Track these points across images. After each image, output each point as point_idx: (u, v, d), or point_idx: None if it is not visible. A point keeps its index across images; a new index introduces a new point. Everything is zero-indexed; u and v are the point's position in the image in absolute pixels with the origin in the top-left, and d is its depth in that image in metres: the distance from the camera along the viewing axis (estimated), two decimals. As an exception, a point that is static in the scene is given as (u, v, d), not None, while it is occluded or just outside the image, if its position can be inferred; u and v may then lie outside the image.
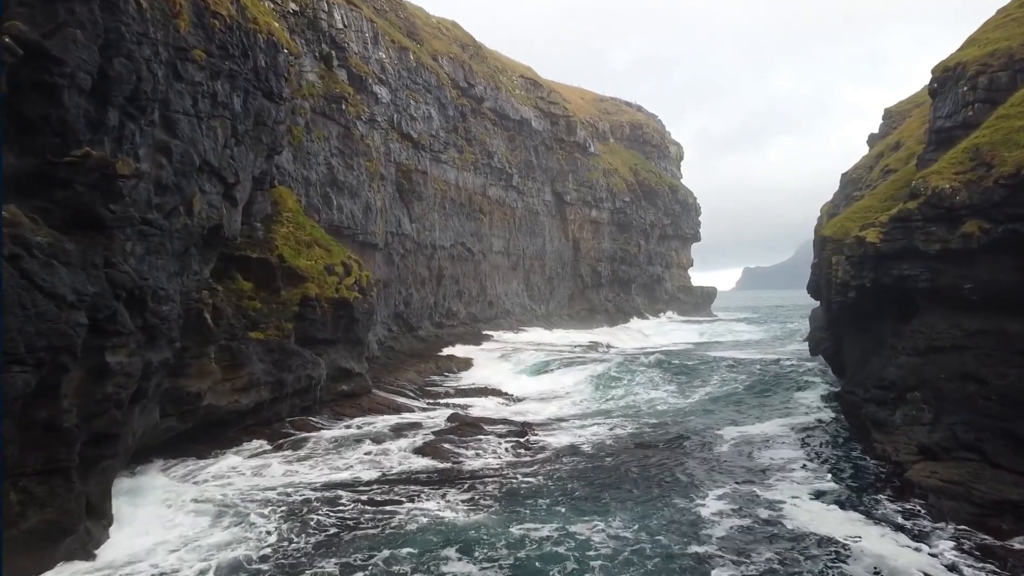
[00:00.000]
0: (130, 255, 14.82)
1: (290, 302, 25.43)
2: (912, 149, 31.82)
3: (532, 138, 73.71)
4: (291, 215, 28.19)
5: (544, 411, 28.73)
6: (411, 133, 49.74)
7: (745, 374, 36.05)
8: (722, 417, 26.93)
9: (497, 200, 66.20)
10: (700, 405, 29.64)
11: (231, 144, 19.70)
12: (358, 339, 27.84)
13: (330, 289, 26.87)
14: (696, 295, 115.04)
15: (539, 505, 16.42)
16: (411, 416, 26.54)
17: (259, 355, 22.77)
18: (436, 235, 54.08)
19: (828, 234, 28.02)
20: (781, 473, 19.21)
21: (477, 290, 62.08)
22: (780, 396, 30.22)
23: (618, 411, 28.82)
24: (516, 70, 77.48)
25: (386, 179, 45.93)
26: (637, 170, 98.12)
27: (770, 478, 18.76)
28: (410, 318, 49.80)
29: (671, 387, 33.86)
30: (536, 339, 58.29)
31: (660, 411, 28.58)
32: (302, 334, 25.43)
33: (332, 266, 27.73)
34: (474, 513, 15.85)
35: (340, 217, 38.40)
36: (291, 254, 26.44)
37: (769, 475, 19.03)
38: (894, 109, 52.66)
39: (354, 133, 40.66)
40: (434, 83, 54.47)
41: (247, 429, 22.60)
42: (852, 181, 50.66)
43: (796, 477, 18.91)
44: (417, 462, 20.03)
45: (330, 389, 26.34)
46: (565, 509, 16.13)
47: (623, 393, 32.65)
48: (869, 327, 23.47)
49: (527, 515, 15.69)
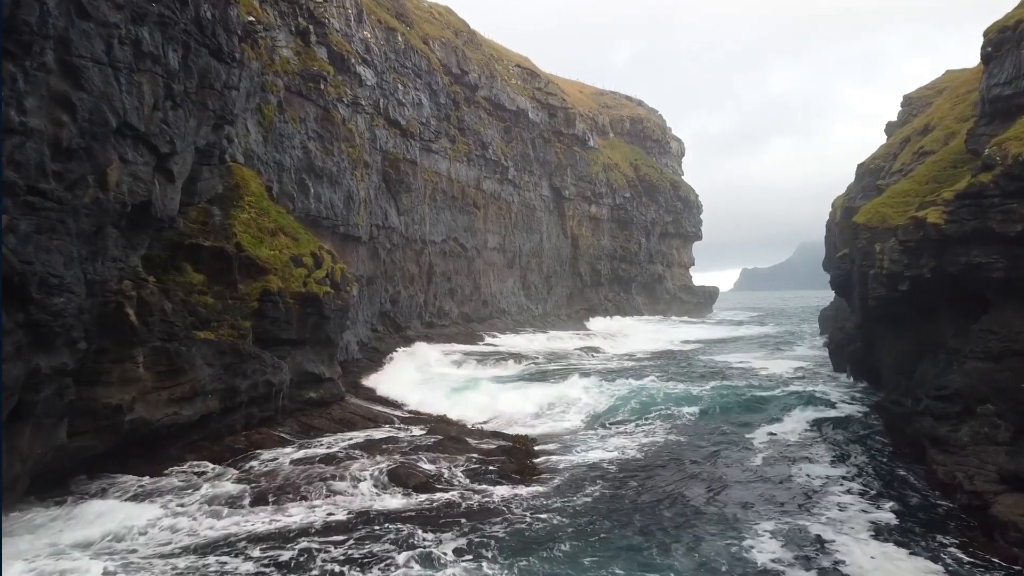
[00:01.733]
0: (8, 232, 11.54)
1: (248, 297, 22.13)
2: (951, 128, 28.73)
3: (529, 130, 70.45)
4: (254, 199, 24.89)
5: (539, 425, 25.43)
6: (399, 120, 46.46)
7: (758, 380, 32.80)
8: (742, 428, 23.68)
9: (492, 194, 62.93)
10: (715, 416, 26.40)
11: (164, 107, 16.41)
12: (329, 340, 24.54)
13: (296, 283, 23.58)
14: (698, 295, 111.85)
15: (557, 554, 12.96)
16: (388, 429, 23.23)
17: (207, 358, 19.47)
18: (426, 229, 50.81)
19: (863, 221, 24.81)
20: (828, 498, 16.03)
21: (471, 288, 58.82)
22: (804, 403, 26.85)
23: (635, 419, 25.55)
24: (512, 59, 74.24)
25: (371, 167, 42.63)
26: (638, 165, 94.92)
27: (817, 504, 15.58)
28: (398, 317, 46.51)
29: (680, 387, 30.64)
30: (522, 344, 54.92)
31: (675, 422, 25.31)
32: (262, 334, 22.12)
33: (299, 257, 24.44)
34: (477, 571, 12.40)
35: (318, 206, 35.09)
36: (251, 243, 23.14)
37: (815, 501, 15.84)
38: (914, 95, 49.58)
39: (334, 116, 37.36)
40: (425, 68, 51.20)
41: (192, 445, 19.29)
42: (870, 171, 47.49)
43: (845, 503, 15.72)
44: (393, 499, 16.07)
45: (295, 397, 23.04)
46: (591, 558, 12.73)
47: (629, 393, 29.44)
48: (918, 326, 20.24)
49: (545, 571, 12.34)
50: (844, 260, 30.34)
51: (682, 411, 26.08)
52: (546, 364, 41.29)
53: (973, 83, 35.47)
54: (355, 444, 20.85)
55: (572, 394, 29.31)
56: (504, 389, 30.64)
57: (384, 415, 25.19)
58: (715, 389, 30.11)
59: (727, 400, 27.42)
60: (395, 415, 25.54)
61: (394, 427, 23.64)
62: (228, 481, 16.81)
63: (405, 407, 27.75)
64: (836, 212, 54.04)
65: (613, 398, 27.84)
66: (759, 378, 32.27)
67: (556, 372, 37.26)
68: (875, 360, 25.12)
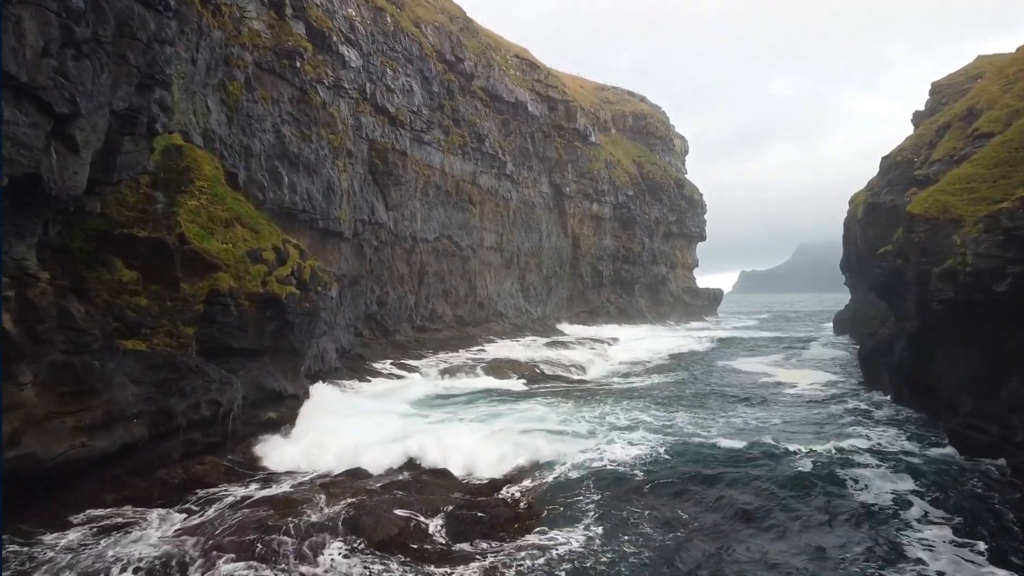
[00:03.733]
0: None
1: (193, 299, 18.47)
2: (1012, 106, 25.18)
3: (528, 123, 66.80)
4: (207, 184, 21.24)
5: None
6: (387, 107, 42.82)
7: (793, 413, 28.14)
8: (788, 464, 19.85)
9: (489, 190, 59.28)
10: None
11: (63, 55, 12.77)
12: (293, 349, 20.86)
13: (253, 281, 19.91)
14: (702, 297, 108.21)
15: None
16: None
17: (133, 374, 15.81)
18: (417, 226, 47.15)
19: (920, 211, 21.15)
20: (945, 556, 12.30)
21: (465, 290, 55.15)
22: (847, 427, 22.98)
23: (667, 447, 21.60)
24: (511, 49, 70.59)
25: (355, 157, 39.00)
26: (641, 163, 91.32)
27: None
28: (385, 320, 42.87)
29: (695, 439, 26.88)
30: (518, 352, 51.16)
31: (700, 450, 21.49)
32: (209, 343, 18.48)
33: (258, 251, 20.78)
34: None
35: (292, 197, 31.45)
36: (199, 234, 19.49)
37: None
38: (943, 83, 46.00)
39: (313, 98, 33.72)
40: (416, 52, 47.57)
41: (115, 482, 15.60)
42: (897, 164, 43.90)
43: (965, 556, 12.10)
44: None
45: (250, 418, 19.36)
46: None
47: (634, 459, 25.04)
48: (1005, 336, 16.59)
49: None
50: (887, 258, 26.72)
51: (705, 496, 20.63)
52: (539, 386, 34.75)
53: (1019, 63, 31.98)
54: (320, 481, 17.13)
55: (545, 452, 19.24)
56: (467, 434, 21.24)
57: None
58: (744, 438, 20.42)
59: (762, 471, 17.59)
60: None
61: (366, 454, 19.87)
62: (144, 544, 13.03)
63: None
64: (857, 209, 50.46)
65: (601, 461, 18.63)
66: (791, 405, 27.69)
67: (549, 396, 29.79)
68: (932, 375, 21.42)
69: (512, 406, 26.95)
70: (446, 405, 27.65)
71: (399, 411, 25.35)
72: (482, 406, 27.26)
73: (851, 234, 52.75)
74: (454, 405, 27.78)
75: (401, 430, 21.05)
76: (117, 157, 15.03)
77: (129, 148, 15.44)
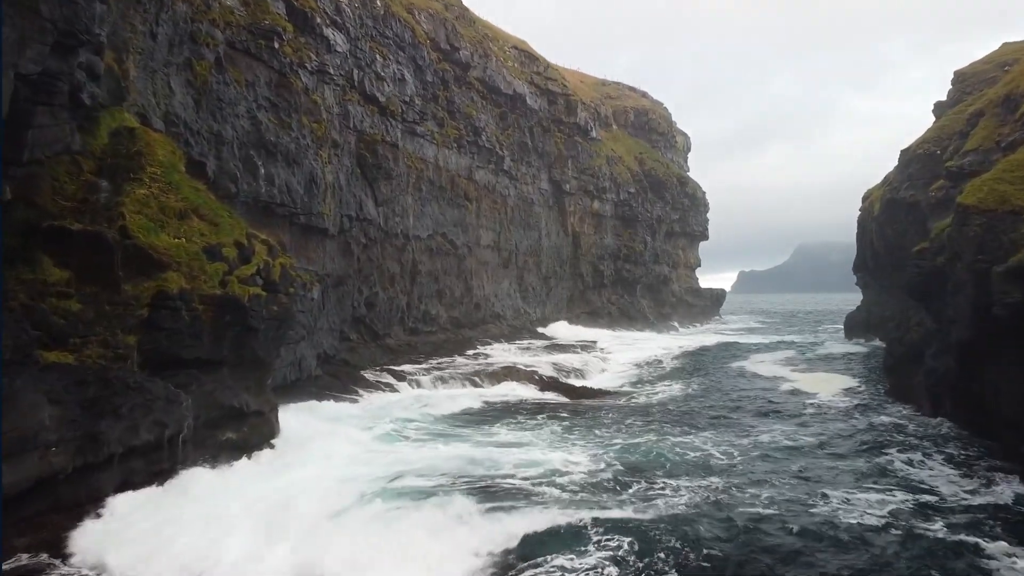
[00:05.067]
0: None
1: (136, 302, 15.87)
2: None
3: (527, 117, 64.20)
4: (160, 172, 18.62)
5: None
6: (377, 96, 40.22)
7: (819, 433, 24.49)
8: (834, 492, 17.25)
9: (486, 185, 56.70)
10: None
11: (-56, -3, 10.16)
12: (258, 359, 18.24)
13: (210, 282, 17.30)
14: (705, 297, 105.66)
15: None
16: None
17: (52, 392, 13.20)
18: (410, 223, 44.54)
19: (973, 203, 18.54)
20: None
21: (461, 290, 52.53)
22: (896, 455, 19.66)
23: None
24: (509, 41, 67.98)
25: (342, 148, 36.40)
26: (643, 159, 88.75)
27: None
28: (375, 323, 40.23)
29: (719, 436, 24.15)
30: (514, 358, 48.44)
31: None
32: (154, 353, 15.88)
33: (217, 247, 18.15)
34: None
35: (270, 190, 28.84)
36: (145, 227, 16.88)
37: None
38: (967, 71, 43.45)
39: (293, 83, 31.11)
40: (408, 39, 44.98)
41: (27, 524, 12.99)
42: (919, 157, 41.42)
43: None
44: None
45: (206, 440, 16.74)
46: None
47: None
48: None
49: None
50: (924, 256, 24.13)
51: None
52: (537, 397, 31.27)
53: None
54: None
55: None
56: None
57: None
58: (792, 490, 16.52)
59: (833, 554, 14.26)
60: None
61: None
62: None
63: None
64: (874, 205, 47.96)
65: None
66: (821, 420, 24.65)
67: (546, 416, 25.99)
68: (986, 390, 18.83)
69: (502, 431, 23.15)
70: (429, 428, 23.43)
71: (365, 444, 20.30)
72: (467, 436, 22.38)
73: (867, 232, 50.25)
74: (434, 433, 22.63)
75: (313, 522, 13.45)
76: (28, 131, 12.45)
77: (45, 121, 12.85)
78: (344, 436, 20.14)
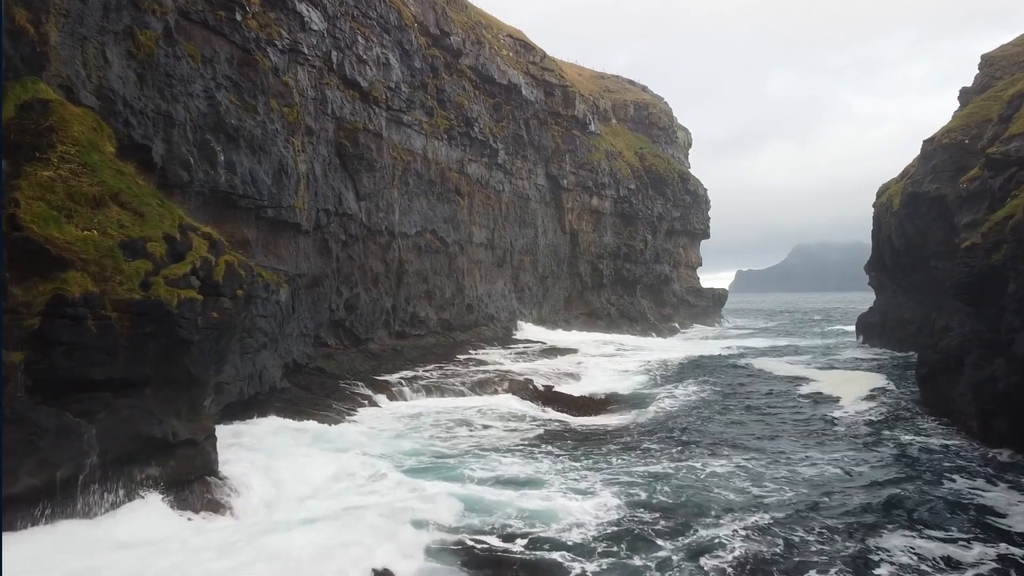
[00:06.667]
0: None
1: (26, 309, 12.71)
2: None
3: (522, 109, 61.09)
4: (75, 151, 15.44)
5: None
6: (358, 80, 37.04)
7: (842, 433, 22.93)
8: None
9: (478, 180, 53.55)
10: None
11: None
12: (191, 377, 15.04)
13: (127, 284, 14.12)
14: (706, 298, 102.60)
15: None
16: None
17: None
18: (395, 218, 41.38)
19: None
20: None
21: (452, 291, 49.37)
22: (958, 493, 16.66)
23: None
24: (503, 29, 64.84)
25: (318, 136, 33.22)
26: (643, 155, 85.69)
27: None
28: (356, 327, 37.06)
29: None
30: (509, 365, 45.41)
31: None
32: (49, 373, 12.71)
33: (140, 242, 14.97)
34: None
35: (231, 179, 25.61)
36: (44, 216, 13.71)
37: None
38: (996, 54, 40.42)
39: (260, 62, 27.91)
40: (394, 21, 41.83)
41: None
42: (944, 148, 38.32)
43: None
44: None
45: (119, 477, 13.57)
46: None
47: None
48: None
49: None
50: (975, 253, 21.01)
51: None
52: (535, 415, 27.07)
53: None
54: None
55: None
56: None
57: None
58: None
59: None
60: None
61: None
62: None
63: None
64: (893, 200, 44.85)
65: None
66: (861, 447, 20.76)
67: (544, 444, 21.58)
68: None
69: (499, 462, 19.09)
70: (408, 457, 19.45)
71: (322, 483, 16.42)
72: (454, 468, 18.39)
73: (884, 229, 47.15)
74: (415, 469, 18.32)
75: None
76: None
77: None
78: (296, 467, 16.86)
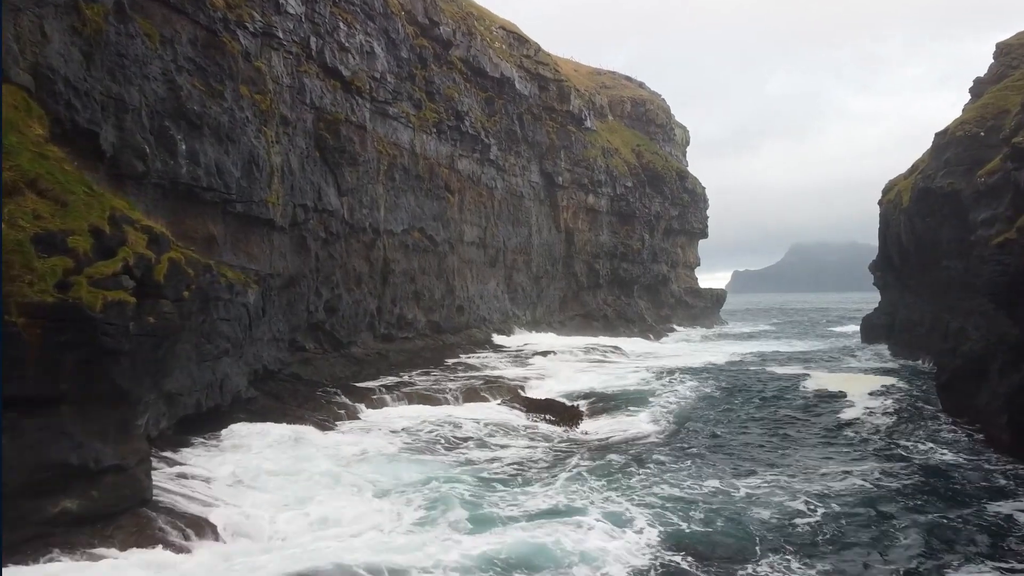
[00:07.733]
0: None
1: (-93, 315, 10.59)
2: None
3: (516, 103, 59.09)
4: (-13, 130, 13.33)
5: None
6: (340, 69, 34.97)
7: (868, 450, 20.94)
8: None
9: (469, 176, 51.51)
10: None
11: None
12: (119, 392, 12.96)
13: (40, 284, 12.05)
14: (704, 298, 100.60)
15: None
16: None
17: None
18: (380, 215, 39.29)
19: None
20: None
21: (442, 291, 47.31)
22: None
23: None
24: (495, 21, 62.83)
25: (294, 127, 31.13)
26: (640, 152, 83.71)
27: None
28: (337, 330, 34.96)
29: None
30: (503, 370, 43.32)
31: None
32: (-65, 392, 10.60)
33: (59, 236, 12.89)
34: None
35: (193, 170, 23.47)
36: (-62, 204, 11.60)
37: None
38: (1013, 42, 38.59)
39: (227, 46, 25.81)
40: (380, 8, 39.79)
41: None
42: (958, 141, 36.35)
43: None
44: None
45: (33, 514, 11.49)
46: None
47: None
48: None
49: None
50: (1009, 250, 19.04)
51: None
52: (528, 428, 24.65)
53: None
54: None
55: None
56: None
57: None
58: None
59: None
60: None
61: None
62: None
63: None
64: (902, 196, 42.91)
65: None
66: (892, 471, 18.59)
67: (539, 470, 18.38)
68: None
69: (494, 491, 16.37)
70: (391, 484, 16.63)
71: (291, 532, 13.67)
72: (445, 500, 15.29)
73: (892, 227, 45.18)
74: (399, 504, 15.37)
75: None
76: None
77: None
78: (248, 504, 14.70)
